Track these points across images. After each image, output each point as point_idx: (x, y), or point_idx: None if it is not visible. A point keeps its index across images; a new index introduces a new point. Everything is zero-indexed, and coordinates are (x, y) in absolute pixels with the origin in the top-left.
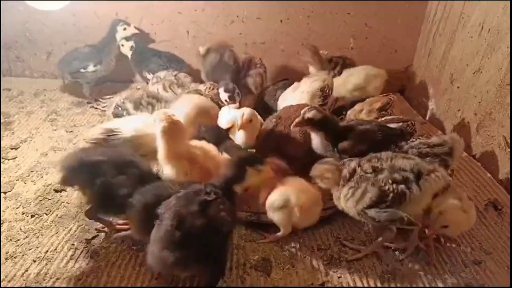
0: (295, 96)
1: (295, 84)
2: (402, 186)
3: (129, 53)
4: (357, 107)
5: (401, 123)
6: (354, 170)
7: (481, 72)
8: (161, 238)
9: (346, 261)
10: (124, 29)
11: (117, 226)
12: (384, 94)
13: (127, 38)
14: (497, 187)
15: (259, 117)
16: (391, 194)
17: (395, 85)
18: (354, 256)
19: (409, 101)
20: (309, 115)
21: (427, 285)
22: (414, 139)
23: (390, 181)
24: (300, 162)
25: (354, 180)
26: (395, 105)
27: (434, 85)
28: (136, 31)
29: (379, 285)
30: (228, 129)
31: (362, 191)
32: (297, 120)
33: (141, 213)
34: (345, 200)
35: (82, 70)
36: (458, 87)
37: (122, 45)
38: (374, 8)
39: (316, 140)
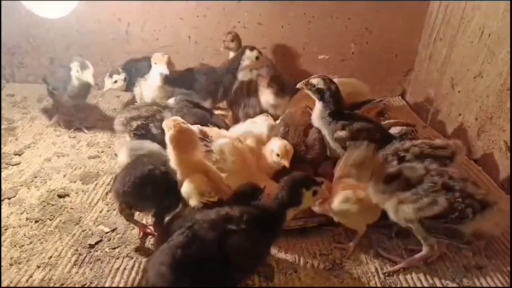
0: None
1: None
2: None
3: None
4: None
5: (404, 127)
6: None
7: (482, 76)
8: (164, 251)
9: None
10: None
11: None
12: (378, 100)
13: None
14: (498, 191)
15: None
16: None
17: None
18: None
19: (410, 105)
20: (313, 81)
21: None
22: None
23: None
24: (317, 164)
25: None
26: (391, 109)
27: (435, 89)
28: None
29: None
30: None
31: (429, 200)
32: (302, 82)
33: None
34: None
35: None
36: (459, 92)
37: None
38: (375, 13)
39: (315, 111)
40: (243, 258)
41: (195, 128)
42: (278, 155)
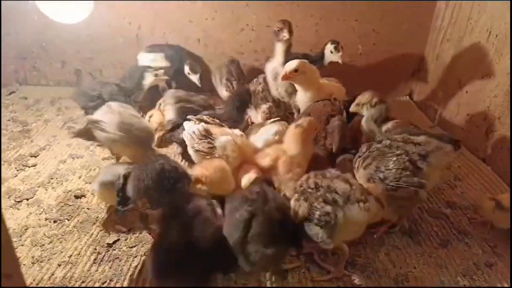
0: None
1: None
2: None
3: None
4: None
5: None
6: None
7: (490, 77)
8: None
9: (312, 281)
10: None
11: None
12: None
13: None
14: (507, 191)
15: None
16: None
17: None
18: (325, 277)
19: (418, 105)
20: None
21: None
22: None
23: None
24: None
25: None
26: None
27: (442, 90)
28: None
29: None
30: None
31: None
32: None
33: None
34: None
35: None
36: (466, 92)
37: None
38: (381, 14)
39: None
40: None
41: (200, 126)
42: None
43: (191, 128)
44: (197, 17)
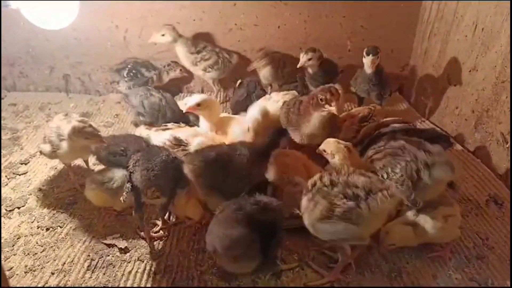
0: (271, 105)
1: (267, 95)
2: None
3: None
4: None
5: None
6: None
7: (477, 70)
8: None
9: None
10: None
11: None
12: (367, 106)
13: None
14: (497, 182)
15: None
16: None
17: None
18: (318, 282)
19: (407, 99)
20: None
21: (432, 282)
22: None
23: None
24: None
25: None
26: (377, 114)
27: (431, 84)
28: None
29: (386, 283)
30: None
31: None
32: None
33: None
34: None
35: None
36: (455, 85)
37: None
38: (369, 10)
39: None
40: None
41: (167, 135)
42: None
43: (159, 139)
44: (185, 18)
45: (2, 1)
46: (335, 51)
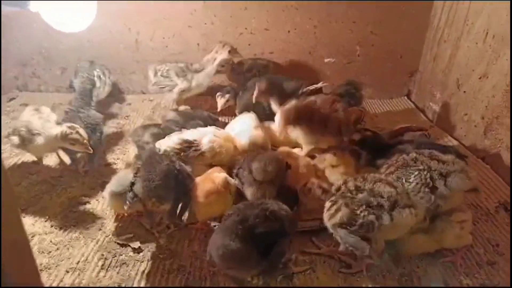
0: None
1: None
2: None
3: None
4: None
5: (418, 132)
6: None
7: (487, 77)
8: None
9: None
10: None
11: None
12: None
13: None
14: (507, 189)
15: None
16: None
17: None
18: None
19: (416, 105)
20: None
21: (443, 287)
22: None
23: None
24: None
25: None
26: (366, 115)
27: (440, 90)
28: None
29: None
30: None
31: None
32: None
33: None
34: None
35: None
36: (464, 92)
37: None
38: (379, 16)
39: None
40: None
41: (176, 139)
42: None
43: (167, 144)
44: (196, 22)
45: (19, 1)
46: (344, 56)
